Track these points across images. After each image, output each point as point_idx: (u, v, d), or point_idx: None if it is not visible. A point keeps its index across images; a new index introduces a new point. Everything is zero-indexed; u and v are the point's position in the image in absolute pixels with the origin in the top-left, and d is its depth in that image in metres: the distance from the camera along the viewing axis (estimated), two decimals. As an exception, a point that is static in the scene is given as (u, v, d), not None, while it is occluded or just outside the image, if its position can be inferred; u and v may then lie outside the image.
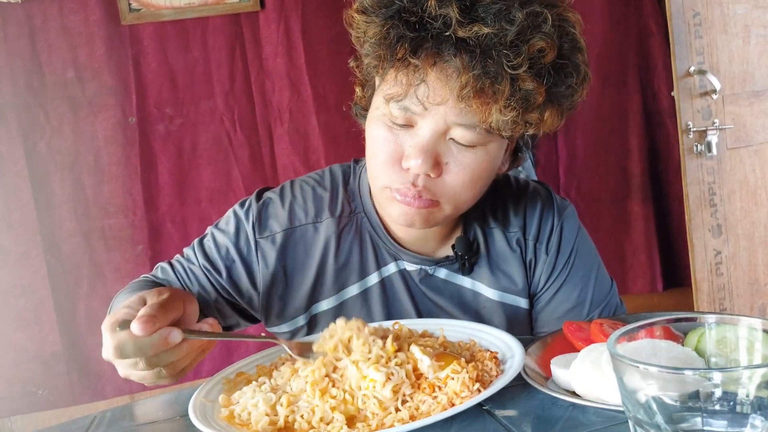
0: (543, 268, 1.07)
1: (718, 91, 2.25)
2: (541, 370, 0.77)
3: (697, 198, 2.34)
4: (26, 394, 2.51)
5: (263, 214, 1.06)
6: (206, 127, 2.64)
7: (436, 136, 0.89)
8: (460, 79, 0.83)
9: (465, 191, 0.94)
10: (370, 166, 0.97)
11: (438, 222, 0.98)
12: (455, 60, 0.84)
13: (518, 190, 1.12)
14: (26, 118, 2.50)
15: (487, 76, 0.83)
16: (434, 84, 0.86)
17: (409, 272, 1.06)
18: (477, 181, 0.94)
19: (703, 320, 0.56)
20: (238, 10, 2.60)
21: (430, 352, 0.75)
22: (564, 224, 1.08)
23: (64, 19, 2.48)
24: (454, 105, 0.86)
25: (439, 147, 0.90)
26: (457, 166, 0.91)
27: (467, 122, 0.88)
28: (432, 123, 0.88)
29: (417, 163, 0.89)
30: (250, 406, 0.73)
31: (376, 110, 0.95)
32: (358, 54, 0.99)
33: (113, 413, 0.85)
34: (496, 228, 1.08)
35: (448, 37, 0.84)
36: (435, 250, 1.07)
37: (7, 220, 2.49)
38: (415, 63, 0.86)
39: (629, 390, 0.49)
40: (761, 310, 2.44)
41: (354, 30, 0.93)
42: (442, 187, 0.92)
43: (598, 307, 1.07)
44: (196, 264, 1.06)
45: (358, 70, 1.03)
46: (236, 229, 1.06)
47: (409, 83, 0.87)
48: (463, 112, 0.87)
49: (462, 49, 0.83)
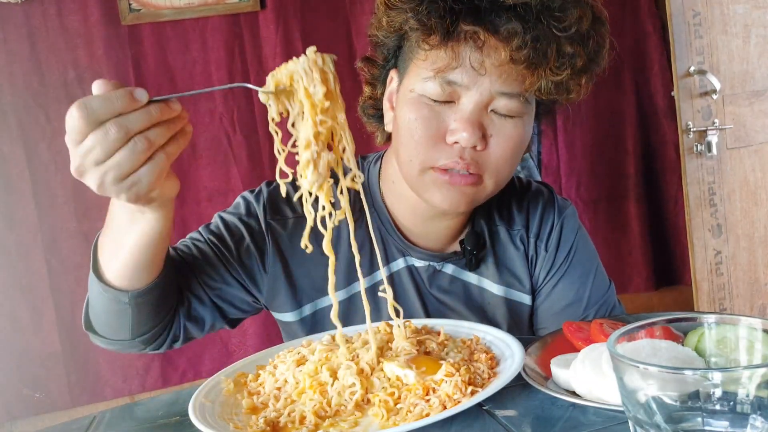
0: (543, 264, 1.09)
1: (718, 91, 2.25)
2: (541, 370, 0.77)
3: (697, 198, 2.34)
4: (24, 397, 2.51)
5: (275, 198, 1.06)
6: (205, 127, 2.64)
7: (479, 108, 0.91)
8: (512, 44, 0.87)
9: (507, 163, 0.96)
10: (408, 149, 0.95)
11: (479, 201, 0.99)
12: (508, 25, 0.87)
13: (521, 189, 1.14)
14: (27, 118, 2.50)
15: (538, 40, 0.87)
16: (487, 50, 0.88)
17: (417, 268, 1.07)
18: (517, 153, 0.96)
19: (703, 320, 0.56)
20: (237, 11, 2.60)
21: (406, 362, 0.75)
22: (564, 223, 1.11)
23: (64, 19, 2.48)
24: (502, 71, 0.89)
25: (483, 119, 0.92)
26: (500, 137, 0.93)
27: (511, 90, 0.90)
28: (476, 95, 0.90)
29: (464, 136, 0.90)
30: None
31: (410, 93, 0.94)
32: (371, 53, 1.01)
33: (113, 413, 0.85)
34: (501, 226, 1.10)
35: (500, 5, 0.87)
36: (443, 246, 1.08)
37: (7, 220, 2.49)
38: (470, 30, 0.88)
39: (629, 390, 0.49)
40: (761, 310, 2.44)
41: (386, 15, 0.94)
42: (487, 160, 0.94)
43: (595, 305, 1.08)
44: (203, 239, 1.03)
45: (367, 70, 1.04)
46: (247, 209, 1.05)
47: (457, 53, 0.89)
48: (509, 81, 0.90)
49: (512, 15, 0.87)
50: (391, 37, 0.98)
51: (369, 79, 1.07)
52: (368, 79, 1.07)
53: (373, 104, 1.08)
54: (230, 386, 0.81)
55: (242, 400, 0.77)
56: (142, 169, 0.71)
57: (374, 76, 1.07)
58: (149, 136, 0.70)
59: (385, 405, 0.70)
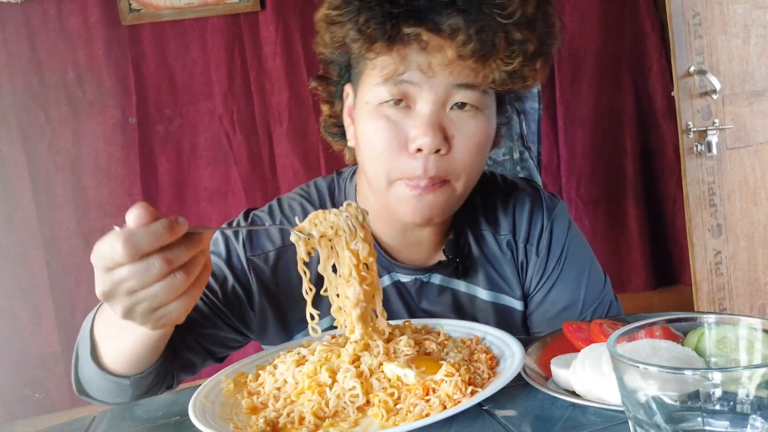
0: (534, 270, 1.06)
1: (718, 91, 2.25)
2: (541, 370, 0.77)
3: (697, 198, 2.34)
4: (24, 397, 2.51)
5: (253, 235, 1.03)
6: (205, 127, 2.64)
7: (437, 107, 0.88)
8: (457, 40, 0.84)
9: (474, 162, 0.93)
10: (372, 163, 0.93)
11: (453, 208, 0.96)
12: (449, 21, 0.84)
13: (506, 188, 1.10)
14: (26, 119, 2.50)
15: (483, 32, 0.84)
16: (432, 50, 0.86)
17: (404, 284, 1.04)
18: (483, 150, 0.94)
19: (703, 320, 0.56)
20: (237, 11, 2.60)
21: (406, 362, 0.75)
22: (554, 224, 1.07)
23: (64, 19, 2.48)
24: (453, 68, 0.86)
25: (443, 120, 0.89)
26: (463, 136, 0.90)
27: (467, 81, 0.88)
28: (432, 94, 0.88)
29: (426, 141, 0.87)
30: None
31: (366, 105, 0.92)
32: (321, 70, 0.99)
33: (113, 413, 0.85)
34: (486, 231, 1.07)
35: (438, 1, 0.84)
36: (428, 256, 1.05)
37: (7, 220, 2.50)
38: (410, 32, 0.85)
39: (629, 390, 0.49)
40: (761, 310, 2.44)
41: (328, 32, 0.92)
42: (453, 163, 0.90)
43: (591, 306, 1.06)
44: None
45: (322, 88, 1.02)
46: (226, 248, 1.02)
47: (404, 56, 0.86)
48: (462, 74, 0.87)
49: (453, 10, 0.84)
50: (338, 52, 0.96)
51: (326, 97, 1.04)
52: (325, 97, 1.04)
53: (335, 122, 1.05)
54: (230, 386, 0.80)
55: (242, 400, 0.77)
56: (175, 302, 0.69)
57: (331, 93, 1.04)
58: (190, 269, 0.69)
59: (384, 405, 0.70)
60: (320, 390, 0.73)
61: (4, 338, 2.50)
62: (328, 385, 0.73)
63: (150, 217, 0.66)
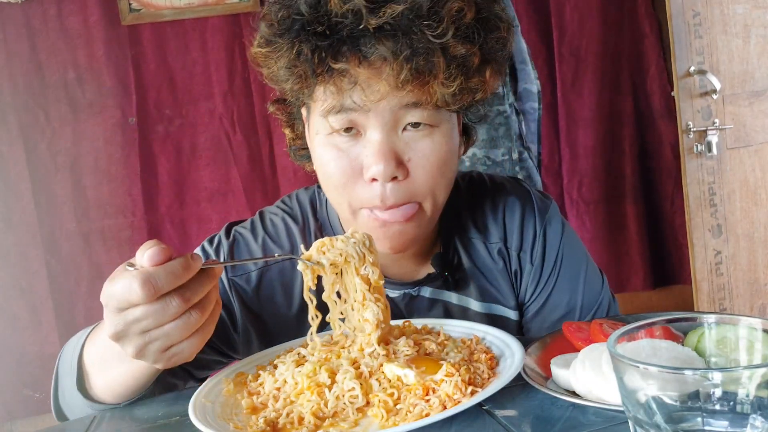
0: (529, 279, 1.02)
1: (718, 91, 2.26)
2: (541, 370, 0.77)
3: (697, 198, 2.34)
4: (24, 397, 2.51)
5: (234, 252, 0.99)
6: (205, 127, 2.64)
7: (387, 131, 0.84)
8: (392, 68, 0.78)
9: (437, 182, 0.88)
10: (331, 194, 0.90)
11: (426, 230, 0.93)
12: (379, 49, 0.78)
13: (494, 190, 1.05)
14: (26, 119, 2.50)
15: (418, 55, 0.78)
16: (367, 82, 0.80)
17: (393, 299, 1.00)
18: (444, 167, 0.88)
19: (703, 320, 0.56)
20: (237, 11, 2.60)
21: (406, 362, 0.75)
22: (547, 228, 1.03)
23: (64, 19, 2.49)
24: (394, 95, 0.81)
25: (396, 145, 0.84)
26: (420, 158, 0.85)
27: (414, 101, 0.82)
28: (380, 119, 0.83)
29: (380, 169, 0.83)
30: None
31: (317, 135, 0.88)
32: (275, 95, 0.95)
33: (113, 414, 0.85)
34: (476, 239, 1.03)
35: (364, 30, 0.78)
36: (416, 269, 1.02)
37: (7, 220, 2.50)
38: (339, 68, 0.80)
39: (629, 390, 0.49)
40: (761, 310, 2.44)
41: (264, 67, 0.88)
42: (413, 188, 0.86)
43: (590, 310, 1.03)
44: None
45: (281, 112, 0.98)
46: None
47: (341, 90, 0.82)
48: (408, 95, 0.82)
49: (382, 36, 0.78)
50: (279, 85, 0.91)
51: (286, 120, 1.00)
52: (285, 120, 0.99)
53: (300, 144, 1.00)
54: (230, 386, 0.80)
55: (242, 400, 0.77)
56: (188, 341, 0.69)
57: (291, 115, 0.99)
58: (204, 306, 0.68)
59: (384, 405, 0.70)
60: (319, 390, 0.73)
61: (4, 338, 2.50)
62: (327, 386, 0.73)
63: (164, 255, 0.64)
